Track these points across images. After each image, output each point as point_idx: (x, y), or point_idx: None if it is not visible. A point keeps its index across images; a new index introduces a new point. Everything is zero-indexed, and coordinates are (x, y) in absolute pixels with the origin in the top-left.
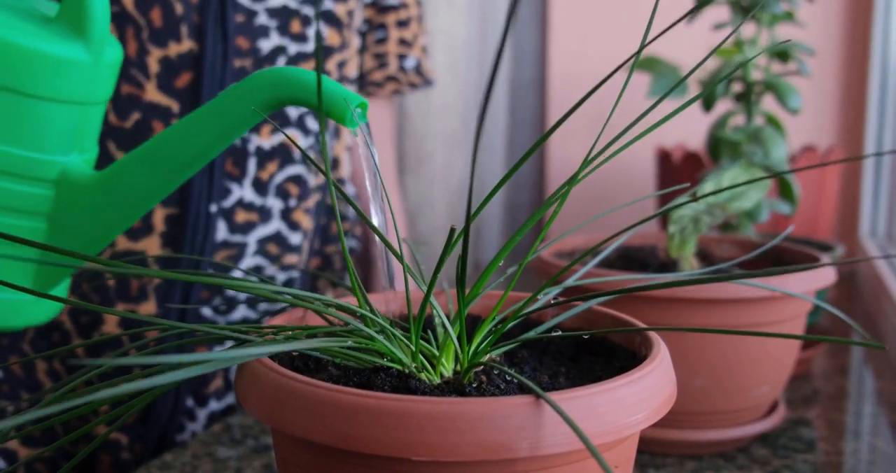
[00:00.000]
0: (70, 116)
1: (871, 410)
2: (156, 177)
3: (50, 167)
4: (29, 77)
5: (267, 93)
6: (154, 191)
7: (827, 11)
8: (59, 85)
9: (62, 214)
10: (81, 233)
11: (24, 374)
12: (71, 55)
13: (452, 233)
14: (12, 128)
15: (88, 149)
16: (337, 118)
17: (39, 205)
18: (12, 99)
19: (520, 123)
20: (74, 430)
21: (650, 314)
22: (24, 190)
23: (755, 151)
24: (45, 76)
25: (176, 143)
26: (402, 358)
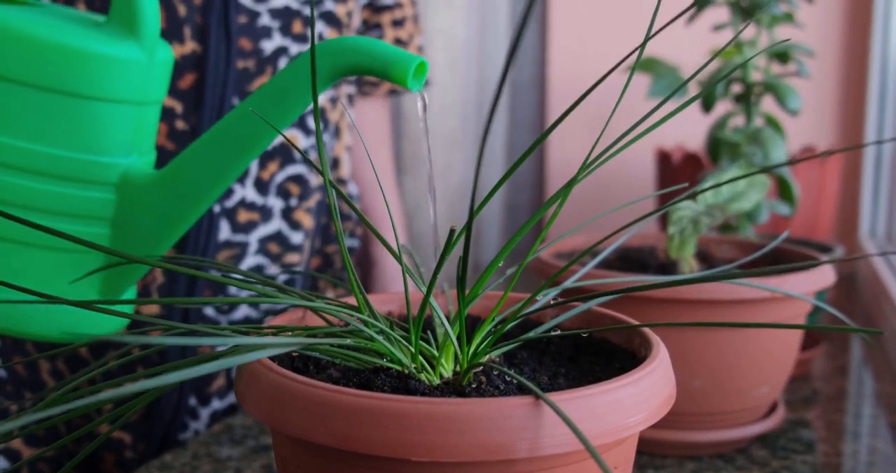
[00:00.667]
0: (128, 117)
1: (871, 411)
2: (218, 166)
3: (111, 170)
4: (85, 79)
5: (328, 62)
6: (217, 181)
7: (826, 13)
8: (115, 85)
9: (125, 218)
10: (146, 235)
11: (28, 374)
12: (125, 54)
13: (452, 234)
14: (71, 131)
15: (147, 151)
16: (398, 79)
17: (102, 210)
18: (70, 102)
19: (519, 124)
20: (77, 429)
21: (650, 315)
22: (87, 195)
23: (755, 152)
24: (101, 77)
25: (237, 128)
26: (402, 359)
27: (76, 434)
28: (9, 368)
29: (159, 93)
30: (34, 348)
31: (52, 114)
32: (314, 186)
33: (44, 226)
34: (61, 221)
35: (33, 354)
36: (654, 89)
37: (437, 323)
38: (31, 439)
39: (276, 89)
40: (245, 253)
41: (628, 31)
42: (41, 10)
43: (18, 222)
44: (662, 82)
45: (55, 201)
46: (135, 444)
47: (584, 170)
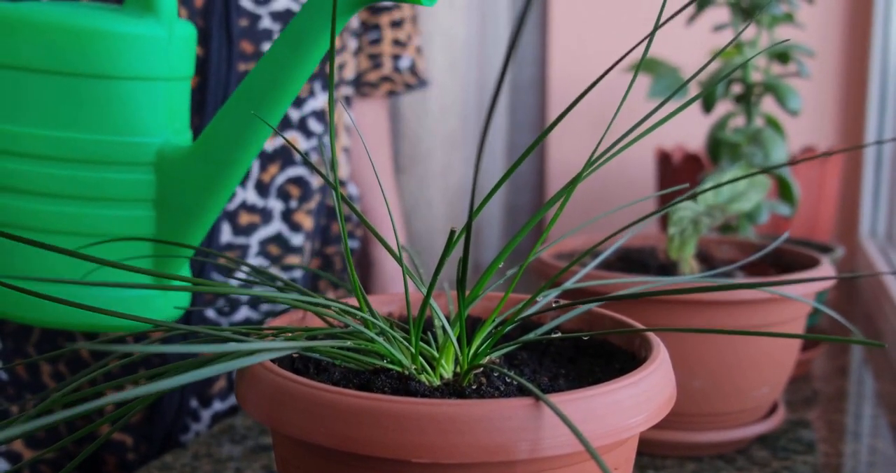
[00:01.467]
0: (155, 94)
1: (871, 411)
2: (250, 125)
3: (146, 150)
4: (107, 59)
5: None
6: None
7: (827, 13)
8: (137, 62)
9: (167, 197)
10: (190, 210)
11: (29, 377)
12: (144, 31)
13: (452, 235)
14: (101, 114)
15: (182, 130)
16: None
17: (144, 192)
18: (95, 84)
19: (520, 124)
20: (78, 430)
21: (650, 316)
22: (126, 177)
23: (755, 153)
24: (122, 55)
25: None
26: (402, 360)
27: (77, 435)
28: (10, 370)
29: (185, 69)
30: (35, 351)
31: (78, 98)
32: (315, 188)
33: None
34: (104, 207)
35: (34, 356)
36: (655, 89)
37: (438, 325)
38: (32, 440)
39: (293, 34)
40: (246, 255)
41: (629, 32)
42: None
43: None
44: (663, 82)
45: (95, 187)
46: (136, 446)
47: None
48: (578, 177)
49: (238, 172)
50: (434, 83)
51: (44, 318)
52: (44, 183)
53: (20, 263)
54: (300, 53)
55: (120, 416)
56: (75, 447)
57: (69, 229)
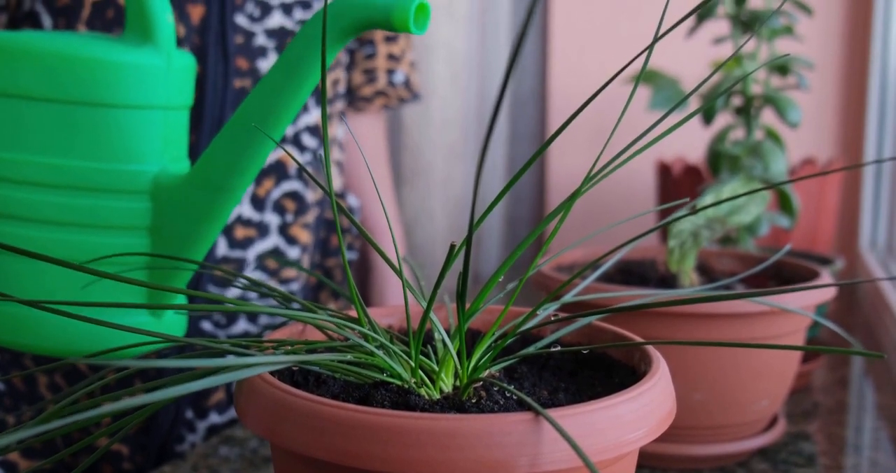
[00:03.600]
0: (152, 122)
1: (872, 424)
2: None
3: (143, 177)
4: (106, 87)
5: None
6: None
7: (826, 26)
8: (135, 91)
9: (162, 224)
10: (185, 237)
11: (26, 388)
12: (142, 60)
13: (453, 249)
14: (99, 142)
15: (179, 158)
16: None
17: (139, 220)
18: (93, 112)
19: (520, 136)
20: (75, 441)
21: (650, 328)
22: (121, 205)
23: (755, 165)
24: (120, 84)
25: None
26: (402, 374)
27: (74, 448)
28: (7, 381)
29: (183, 98)
30: (32, 362)
31: (76, 126)
32: (311, 202)
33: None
34: (99, 234)
35: (31, 368)
36: (655, 101)
37: (438, 338)
38: (29, 451)
39: (288, 62)
40: (242, 268)
41: (629, 45)
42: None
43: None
44: (663, 94)
45: (91, 214)
46: (132, 456)
47: (587, 184)
48: (578, 191)
49: (234, 199)
50: (435, 95)
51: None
52: (40, 210)
53: (16, 289)
54: (295, 80)
55: (118, 428)
56: (71, 458)
57: (64, 256)
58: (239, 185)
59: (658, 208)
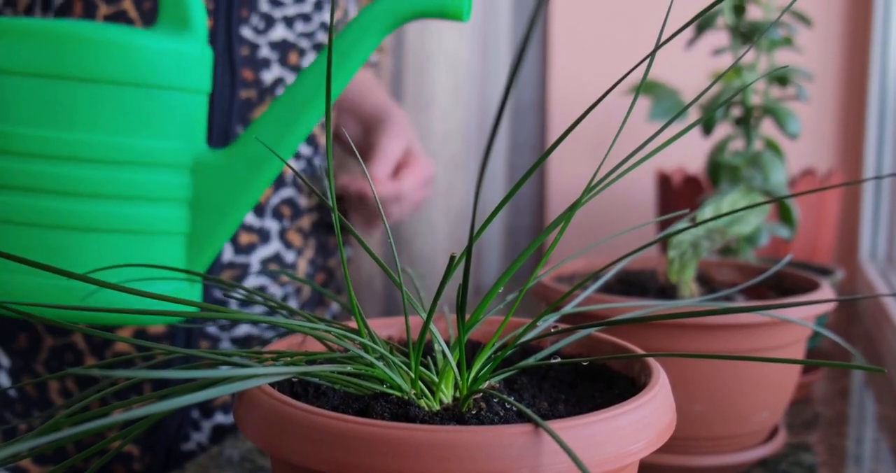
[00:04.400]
0: (190, 104)
1: (873, 435)
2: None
3: (184, 153)
4: (155, 71)
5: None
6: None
7: (825, 37)
8: (179, 75)
9: (202, 196)
10: (222, 208)
11: (38, 394)
12: (185, 47)
13: (453, 260)
14: (144, 120)
15: (203, 139)
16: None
17: (180, 192)
18: (142, 93)
19: (520, 146)
20: (85, 445)
21: (650, 339)
22: (165, 179)
23: (754, 175)
24: (168, 68)
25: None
26: (402, 385)
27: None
28: (19, 388)
29: (209, 83)
30: (44, 368)
31: (126, 106)
32: (303, 208)
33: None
34: (143, 206)
35: (43, 374)
36: (655, 112)
37: (438, 349)
38: (40, 457)
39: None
40: (247, 273)
41: (629, 55)
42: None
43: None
44: (663, 105)
45: (138, 188)
46: (142, 456)
47: (587, 195)
48: (578, 202)
49: (273, 173)
50: (437, 106)
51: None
52: (92, 184)
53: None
54: (347, 63)
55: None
56: (83, 463)
57: (112, 227)
58: (279, 164)
59: (658, 219)
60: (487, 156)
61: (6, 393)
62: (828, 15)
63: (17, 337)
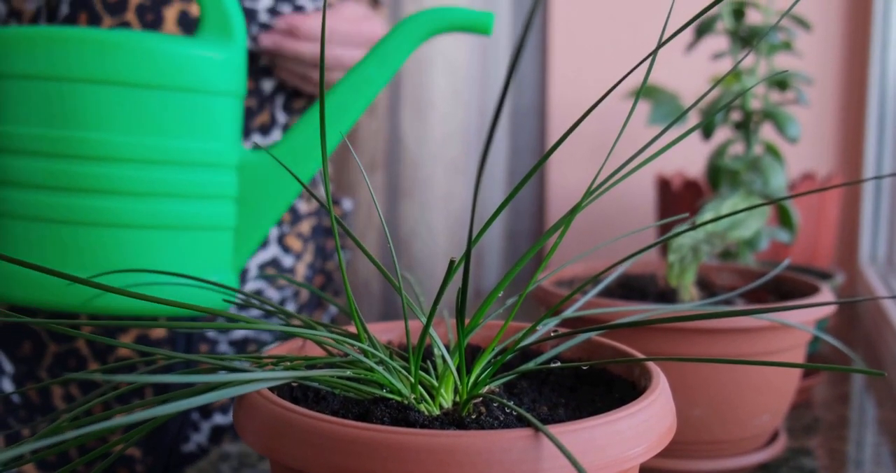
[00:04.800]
0: (233, 107)
1: (873, 440)
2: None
3: (231, 153)
4: (204, 77)
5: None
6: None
7: (825, 41)
8: (225, 81)
9: (247, 192)
10: (266, 203)
11: (41, 400)
12: (231, 56)
13: (452, 264)
14: (199, 123)
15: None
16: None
17: (228, 190)
18: (194, 97)
19: (520, 150)
20: (88, 449)
21: (650, 343)
22: (215, 177)
23: (754, 180)
24: (215, 74)
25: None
26: (402, 390)
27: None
28: (22, 394)
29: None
30: (48, 374)
31: (177, 109)
32: (303, 213)
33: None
34: (195, 203)
35: (45, 380)
36: (655, 116)
37: (437, 354)
38: (43, 462)
39: (382, 54)
40: (246, 278)
41: (628, 59)
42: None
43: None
44: (662, 109)
45: (193, 186)
46: (144, 458)
47: (587, 199)
48: (578, 206)
49: (314, 168)
50: (436, 109)
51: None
52: (150, 184)
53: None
54: (383, 70)
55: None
56: (85, 468)
57: (169, 224)
58: (318, 162)
59: (658, 223)
60: (485, 159)
61: (10, 400)
62: (827, 19)
63: (21, 344)
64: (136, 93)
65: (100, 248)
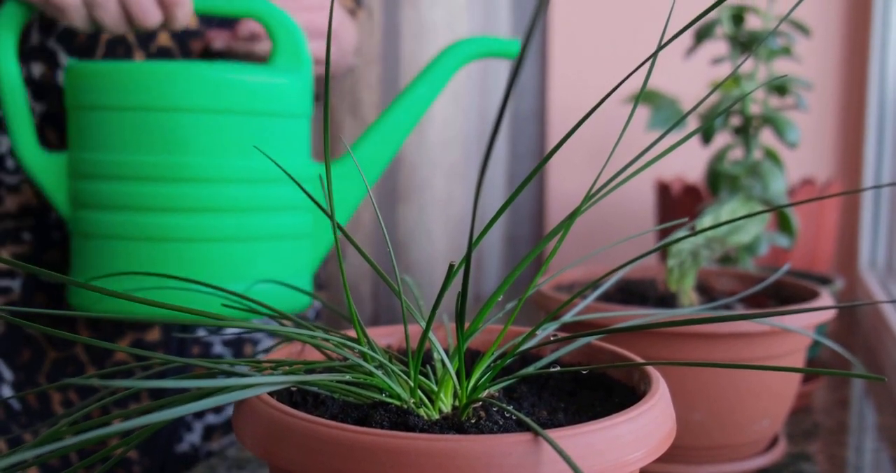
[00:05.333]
0: (305, 126)
1: (873, 445)
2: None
3: (305, 167)
4: (286, 101)
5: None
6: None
7: (824, 46)
8: (301, 104)
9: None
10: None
11: (40, 406)
12: (304, 83)
13: (451, 268)
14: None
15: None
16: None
17: (306, 201)
18: (279, 120)
19: (520, 155)
20: (87, 452)
21: (649, 348)
22: (295, 191)
23: (754, 185)
24: (295, 99)
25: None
26: (401, 394)
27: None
28: (22, 399)
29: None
30: (46, 381)
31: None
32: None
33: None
34: (281, 215)
35: (43, 384)
36: (654, 121)
37: (437, 358)
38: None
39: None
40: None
41: (628, 64)
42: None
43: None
44: (662, 114)
45: (276, 199)
46: (141, 459)
47: (587, 203)
48: (577, 211)
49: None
50: (436, 114)
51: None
52: (240, 201)
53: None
54: (432, 91)
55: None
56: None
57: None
58: (382, 168)
59: (658, 228)
60: (486, 163)
61: (11, 407)
62: (826, 24)
63: (21, 352)
64: (227, 119)
65: (200, 261)
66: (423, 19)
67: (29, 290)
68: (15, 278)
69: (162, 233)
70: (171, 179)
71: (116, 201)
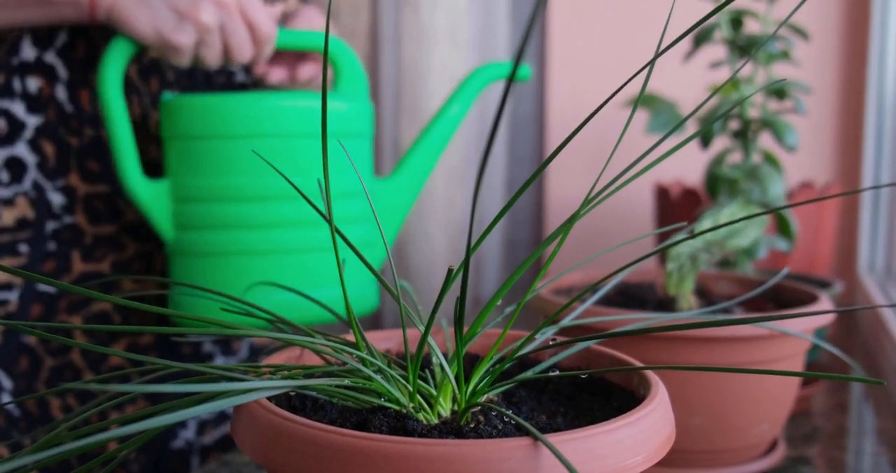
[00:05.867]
0: (368, 146)
1: (872, 449)
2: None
3: (369, 183)
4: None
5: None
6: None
7: (823, 50)
8: (365, 125)
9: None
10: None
11: (40, 412)
12: (366, 106)
13: (450, 273)
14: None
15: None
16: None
17: (362, 212)
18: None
19: (519, 159)
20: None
21: (648, 352)
22: (364, 203)
23: (753, 188)
24: (359, 121)
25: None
26: (400, 399)
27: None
28: (21, 406)
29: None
30: (45, 388)
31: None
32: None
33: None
34: (347, 226)
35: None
36: (653, 125)
37: (436, 363)
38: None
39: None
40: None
41: (627, 68)
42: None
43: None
44: (661, 118)
45: (349, 212)
46: (137, 457)
47: (586, 207)
48: (576, 215)
49: (417, 194)
50: None
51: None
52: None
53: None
54: (462, 109)
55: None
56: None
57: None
58: (421, 185)
59: (656, 231)
60: (483, 167)
61: (11, 413)
62: (825, 28)
63: (18, 360)
64: (313, 143)
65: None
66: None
67: (26, 302)
68: (12, 290)
69: (257, 247)
70: (263, 198)
71: (216, 221)
